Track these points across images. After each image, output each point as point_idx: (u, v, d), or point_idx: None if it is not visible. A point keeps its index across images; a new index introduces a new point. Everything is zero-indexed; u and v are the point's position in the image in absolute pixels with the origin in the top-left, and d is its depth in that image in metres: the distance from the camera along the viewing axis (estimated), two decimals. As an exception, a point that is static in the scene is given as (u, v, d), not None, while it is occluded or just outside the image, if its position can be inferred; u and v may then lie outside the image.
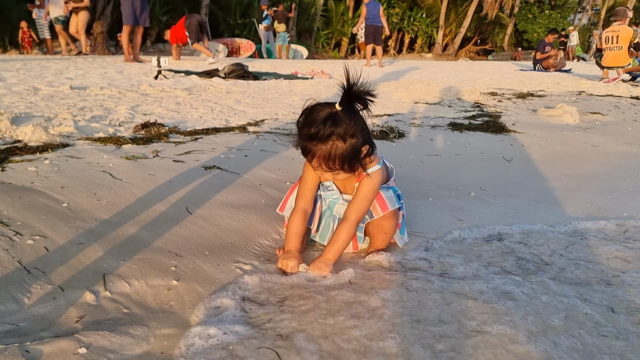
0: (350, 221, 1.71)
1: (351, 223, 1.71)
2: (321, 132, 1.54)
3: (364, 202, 1.73)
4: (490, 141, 3.92)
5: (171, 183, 2.39)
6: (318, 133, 1.54)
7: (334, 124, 1.54)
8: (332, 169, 1.61)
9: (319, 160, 1.59)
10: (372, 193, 1.73)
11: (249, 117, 4.40)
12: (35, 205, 1.97)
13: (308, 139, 1.57)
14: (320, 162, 1.59)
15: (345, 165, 1.60)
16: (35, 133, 2.93)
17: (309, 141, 1.57)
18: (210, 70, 8.03)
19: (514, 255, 1.84)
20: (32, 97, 4.71)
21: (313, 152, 1.58)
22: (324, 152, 1.57)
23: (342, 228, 1.71)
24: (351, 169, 1.64)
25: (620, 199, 2.58)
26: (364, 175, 1.73)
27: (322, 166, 1.60)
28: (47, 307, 1.37)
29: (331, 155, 1.57)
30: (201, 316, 1.37)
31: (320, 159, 1.58)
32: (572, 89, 8.79)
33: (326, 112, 1.56)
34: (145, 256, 1.68)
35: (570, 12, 32.21)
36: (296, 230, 1.76)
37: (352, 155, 1.60)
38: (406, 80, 8.51)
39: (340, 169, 1.61)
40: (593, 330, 1.33)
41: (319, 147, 1.57)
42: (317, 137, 1.55)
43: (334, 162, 1.58)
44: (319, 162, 1.59)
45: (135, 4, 9.68)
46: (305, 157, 1.64)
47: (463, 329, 1.32)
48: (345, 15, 30.50)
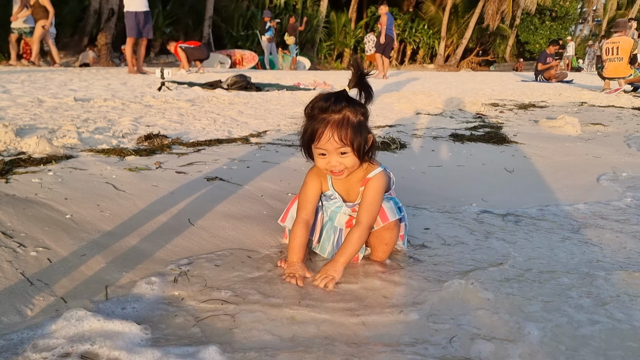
0: (363, 225, 1.72)
1: (363, 227, 1.72)
2: (333, 105, 1.63)
3: (373, 205, 1.74)
4: (492, 152, 3.93)
5: (174, 194, 2.40)
6: (330, 106, 1.63)
7: (345, 99, 1.66)
8: (343, 143, 1.63)
9: (331, 129, 1.62)
10: (379, 194, 1.75)
11: (251, 128, 4.43)
12: (39, 216, 1.98)
13: (320, 112, 1.64)
14: (333, 132, 1.62)
15: (355, 142, 1.64)
16: (39, 145, 2.95)
17: (322, 113, 1.64)
18: (213, 81, 8.07)
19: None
20: (36, 109, 4.74)
21: (327, 122, 1.63)
22: (337, 121, 1.63)
23: (354, 232, 1.72)
24: (359, 152, 1.67)
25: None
26: (368, 179, 1.75)
27: (334, 137, 1.62)
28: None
29: (344, 124, 1.63)
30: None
31: (333, 128, 1.62)
32: (574, 99, 8.81)
33: (336, 92, 1.69)
34: (147, 267, 1.69)
35: (572, 23, 32.36)
36: (299, 242, 1.76)
37: (362, 133, 1.66)
38: (408, 91, 8.54)
39: (350, 145, 1.64)
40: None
41: (332, 116, 1.63)
42: (329, 109, 1.63)
43: (346, 133, 1.62)
44: (331, 132, 1.62)
45: (138, 16, 9.76)
46: (315, 137, 1.65)
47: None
48: (348, 26, 30.68)
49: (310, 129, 1.67)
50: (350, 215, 1.87)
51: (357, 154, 1.68)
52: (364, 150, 1.69)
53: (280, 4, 25.45)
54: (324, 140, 1.63)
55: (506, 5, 28.92)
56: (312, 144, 1.68)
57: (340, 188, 1.85)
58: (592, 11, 34.92)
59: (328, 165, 1.70)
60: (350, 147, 1.65)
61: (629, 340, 1.36)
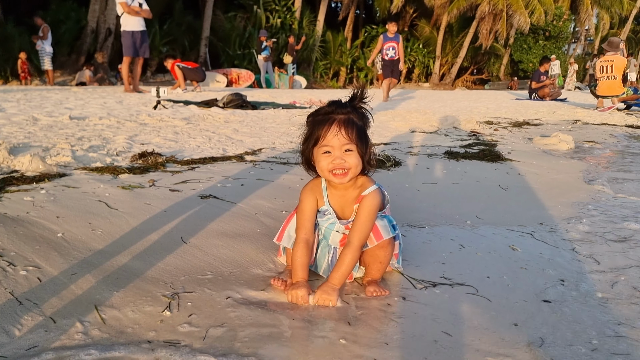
0: (354, 246, 1.71)
1: (354, 247, 1.71)
2: (339, 107, 1.70)
3: (366, 224, 1.72)
4: (487, 170, 3.93)
5: (167, 212, 2.39)
6: (338, 107, 1.69)
7: (350, 105, 1.73)
8: (349, 138, 1.66)
9: (338, 125, 1.67)
10: (373, 214, 1.74)
11: (246, 146, 4.43)
12: (30, 235, 1.96)
13: (326, 114, 1.70)
14: (340, 127, 1.66)
15: (360, 141, 1.69)
16: (32, 163, 2.93)
17: (327, 115, 1.70)
18: (209, 100, 8.10)
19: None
20: (31, 127, 4.74)
21: (332, 119, 1.68)
22: (343, 119, 1.68)
23: (346, 253, 1.71)
24: (363, 151, 1.71)
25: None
26: (362, 197, 1.74)
27: (341, 131, 1.66)
28: (37, 338, 1.35)
29: (350, 122, 1.68)
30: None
31: (339, 124, 1.67)
32: (568, 117, 8.88)
33: (338, 99, 1.76)
34: (139, 287, 1.67)
35: (565, 42, 32.75)
36: (301, 262, 1.74)
37: (365, 137, 1.72)
38: (403, 110, 8.59)
39: (355, 143, 1.68)
40: None
41: (338, 115, 1.69)
42: (336, 110, 1.69)
43: (352, 130, 1.67)
44: (338, 126, 1.66)
45: (135, 36, 9.83)
46: (320, 137, 1.68)
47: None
48: (343, 46, 31.00)
49: (315, 131, 1.70)
50: (344, 233, 1.86)
51: (360, 155, 1.70)
52: (366, 157, 1.73)
53: (277, 23, 25.73)
54: (330, 135, 1.67)
55: (500, 25, 29.30)
56: (316, 146, 1.71)
57: (336, 204, 1.83)
58: (585, 30, 35.38)
59: (332, 163, 1.69)
60: (356, 145, 1.68)
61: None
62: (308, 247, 1.77)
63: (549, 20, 29.78)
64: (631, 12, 35.29)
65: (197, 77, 11.99)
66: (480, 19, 29.20)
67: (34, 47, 14.93)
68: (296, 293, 1.65)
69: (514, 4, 28.17)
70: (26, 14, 17.05)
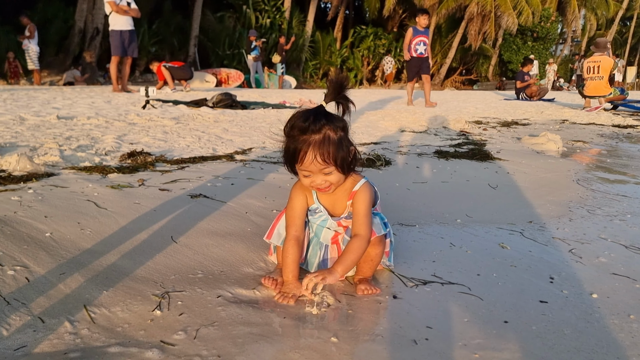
0: (362, 237, 1.69)
1: (363, 238, 1.69)
2: (313, 125, 1.59)
3: (367, 216, 1.72)
4: (476, 168, 3.95)
5: (156, 211, 2.37)
6: (310, 126, 1.59)
7: (324, 116, 1.63)
8: (326, 162, 1.61)
9: (313, 151, 1.59)
10: (369, 204, 1.74)
11: (236, 146, 4.41)
12: (18, 235, 1.94)
13: (301, 133, 1.60)
14: (315, 154, 1.60)
15: (338, 159, 1.62)
16: (19, 162, 2.90)
17: (302, 135, 1.60)
18: (199, 99, 8.07)
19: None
20: (18, 127, 4.69)
21: (308, 143, 1.60)
22: (318, 142, 1.59)
23: (354, 242, 1.68)
24: (343, 168, 1.66)
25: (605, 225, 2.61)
26: (354, 192, 1.74)
27: (317, 159, 1.60)
28: (25, 338, 1.34)
29: (325, 143, 1.60)
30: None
31: (314, 149, 1.59)
32: (556, 117, 8.95)
33: (314, 109, 1.66)
34: (129, 286, 1.66)
35: (552, 43, 32.99)
36: (292, 259, 1.73)
37: (344, 149, 1.64)
38: (392, 109, 8.61)
39: (333, 163, 1.62)
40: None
41: (313, 137, 1.60)
42: (309, 129, 1.59)
43: (328, 153, 1.60)
44: (313, 154, 1.60)
45: (123, 35, 9.76)
46: (297, 158, 1.63)
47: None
48: (333, 46, 31.02)
49: (292, 150, 1.64)
50: (336, 230, 1.86)
51: (341, 171, 1.67)
52: (348, 164, 1.69)
53: (266, 23, 25.69)
54: (307, 162, 1.61)
55: (488, 26, 29.47)
56: (295, 164, 1.67)
57: (326, 201, 1.83)
58: (572, 32, 35.69)
59: (313, 184, 1.69)
60: (334, 165, 1.63)
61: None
62: (298, 244, 1.77)
63: (537, 22, 30.01)
64: (617, 13, 35.68)
65: (184, 75, 11.93)
66: (469, 19, 29.35)
67: (20, 47, 14.78)
68: (285, 293, 1.64)
69: (502, 5, 28.34)
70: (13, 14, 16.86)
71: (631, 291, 1.78)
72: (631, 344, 1.42)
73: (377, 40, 32.62)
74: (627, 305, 1.66)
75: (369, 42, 32.40)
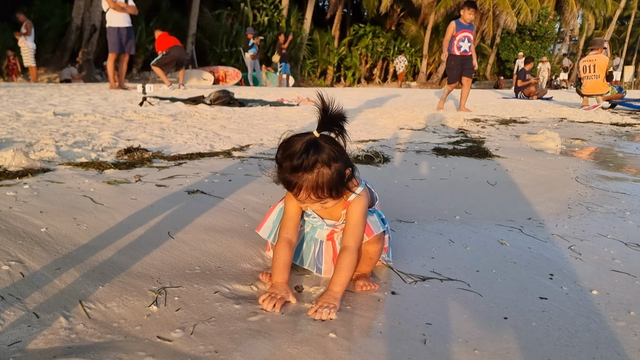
0: (351, 249, 1.66)
1: (352, 251, 1.66)
2: (305, 162, 1.50)
3: (358, 227, 1.69)
4: (475, 166, 3.94)
5: (153, 207, 2.35)
6: (302, 163, 1.50)
7: (316, 152, 1.51)
8: (320, 198, 1.57)
9: (307, 191, 1.54)
10: (363, 216, 1.70)
11: (234, 143, 4.40)
12: (13, 230, 1.92)
13: (292, 171, 1.52)
14: (309, 193, 1.54)
15: (333, 192, 1.57)
16: (15, 158, 2.88)
17: (294, 173, 1.52)
18: (196, 97, 8.04)
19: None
20: (14, 123, 4.66)
21: (300, 185, 1.53)
22: (311, 182, 1.52)
23: (344, 257, 1.65)
24: (338, 195, 1.61)
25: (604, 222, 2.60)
26: (349, 202, 1.71)
27: (310, 197, 1.55)
28: (20, 334, 1.32)
29: (319, 184, 1.52)
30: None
31: (308, 190, 1.53)
32: (554, 115, 8.96)
33: (305, 141, 1.53)
34: (125, 281, 1.64)
35: (550, 42, 33.05)
36: (283, 261, 1.69)
37: (339, 181, 1.57)
38: (391, 107, 8.60)
39: (328, 197, 1.57)
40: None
41: (305, 177, 1.52)
42: (301, 168, 1.50)
43: (322, 191, 1.54)
44: (307, 193, 1.54)
45: (121, 32, 9.72)
46: (291, 191, 1.59)
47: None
48: (331, 44, 31.00)
49: (285, 182, 1.57)
50: (332, 229, 1.83)
51: (337, 198, 1.63)
52: (344, 189, 1.63)
53: (264, 21, 25.65)
54: (301, 197, 1.57)
55: (486, 25, 29.49)
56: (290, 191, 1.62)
57: (321, 212, 1.80)
58: (570, 31, 35.74)
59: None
60: (330, 198, 1.59)
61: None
62: (290, 247, 1.73)
63: (535, 21, 30.04)
64: (615, 12, 35.74)
65: (176, 55, 11.33)
66: (467, 18, 29.35)
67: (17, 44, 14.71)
68: (273, 294, 1.57)
69: (501, 4, 28.36)
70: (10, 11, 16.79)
71: (631, 287, 1.77)
72: (631, 340, 1.41)
73: (376, 39, 32.63)
74: (626, 302, 1.65)
75: (367, 40, 32.40)
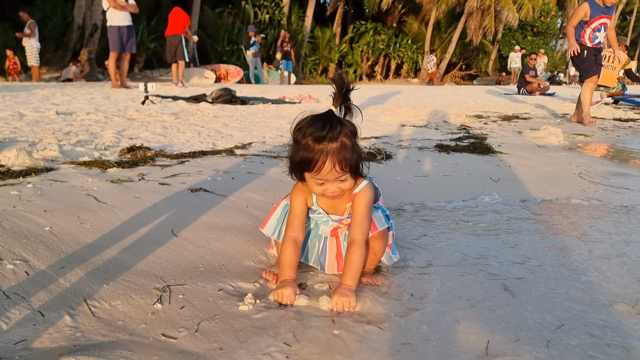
0: (359, 242, 1.66)
1: (360, 244, 1.66)
2: (331, 131, 1.53)
3: (365, 219, 1.69)
4: (477, 162, 3.94)
5: (157, 206, 2.36)
6: (328, 133, 1.52)
7: (338, 122, 1.57)
8: (343, 171, 1.57)
9: (332, 161, 1.54)
10: (368, 208, 1.70)
11: (236, 141, 4.40)
12: (17, 229, 1.92)
13: (317, 142, 1.54)
14: (334, 163, 1.54)
15: (353, 167, 1.59)
16: (18, 157, 2.89)
17: (318, 144, 1.53)
18: (198, 95, 8.05)
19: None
20: (17, 123, 4.67)
21: (326, 153, 1.53)
22: (336, 150, 1.54)
23: (352, 251, 1.65)
24: (356, 172, 1.63)
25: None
26: (355, 195, 1.71)
27: (335, 168, 1.55)
28: (25, 332, 1.32)
29: (342, 151, 1.55)
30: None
31: (334, 159, 1.54)
32: (556, 111, 8.93)
33: (324, 114, 1.58)
34: (129, 280, 1.64)
35: (552, 38, 32.93)
36: (289, 260, 1.69)
37: (358, 154, 1.60)
38: (393, 104, 8.59)
39: (349, 171, 1.58)
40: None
41: (331, 146, 1.53)
42: (327, 137, 1.53)
43: (346, 161, 1.55)
44: (332, 163, 1.54)
45: (121, 31, 9.73)
46: (312, 169, 1.56)
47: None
48: (332, 41, 30.94)
49: (306, 159, 1.56)
50: (337, 224, 1.83)
51: (354, 176, 1.64)
52: (359, 168, 1.65)
53: (265, 19, 25.60)
54: (325, 171, 1.56)
55: (488, 21, 29.39)
56: (308, 172, 1.60)
57: (326, 205, 1.79)
58: (572, 26, 35.58)
59: (326, 192, 1.64)
60: (350, 172, 1.60)
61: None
62: (296, 245, 1.73)
63: (537, 17, 29.93)
64: (617, 7, 35.58)
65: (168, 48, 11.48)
66: (469, 14, 29.27)
67: (19, 44, 14.73)
68: (282, 292, 1.57)
69: (502, 0, 28.27)
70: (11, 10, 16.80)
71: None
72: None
73: (377, 36, 32.56)
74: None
75: (368, 37, 32.33)
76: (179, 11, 11.31)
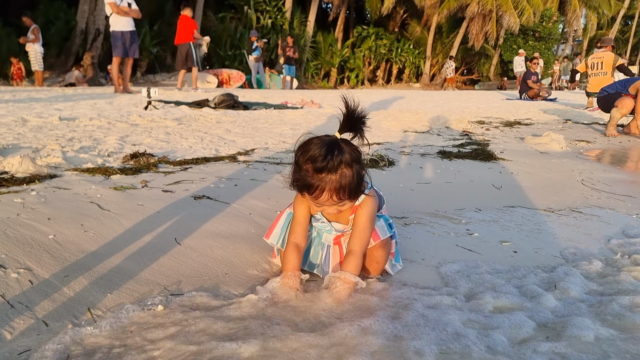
0: (356, 253, 1.68)
1: (357, 255, 1.68)
2: (330, 163, 1.51)
3: (365, 232, 1.70)
4: (480, 169, 3.94)
5: (160, 213, 2.36)
6: (328, 164, 1.51)
7: (340, 153, 1.54)
8: (341, 199, 1.57)
9: (329, 192, 1.54)
10: (371, 221, 1.71)
11: (239, 147, 4.40)
12: (21, 237, 1.93)
13: (316, 172, 1.53)
14: (331, 194, 1.55)
15: (352, 194, 1.59)
16: (22, 164, 2.90)
17: (318, 174, 1.53)
18: (201, 100, 8.06)
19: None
20: (20, 129, 4.68)
21: (323, 186, 1.54)
22: (334, 183, 1.53)
23: (349, 261, 1.68)
24: (356, 196, 1.63)
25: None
26: (357, 206, 1.71)
27: (332, 198, 1.56)
28: (30, 342, 1.32)
29: (341, 184, 1.54)
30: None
31: (331, 190, 1.54)
32: (558, 117, 8.93)
33: (328, 142, 1.56)
34: (133, 288, 1.65)
35: (554, 43, 32.97)
36: (292, 265, 1.71)
37: (358, 182, 1.60)
38: (395, 110, 8.59)
39: (347, 199, 1.59)
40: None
41: (329, 178, 1.53)
42: (326, 168, 1.52)
43: (344, 192, 1.55)
44: (329, 194, 1.55)
45: (124, 36, 9.76)
46: (310, 194, 1.58)
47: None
48: (334, 46, 31.03)
49: (305, 185, 1.57)
50: (338, 233, 1.84)
51: (354, 200, 1.65)
52: (361, 189, 1.65)
53: (268, 24, 25.70)
54: (322, 200, 1.57)
55: (490, 26, 29.47)
56: (307, 193, 1.61)
57: (329, 216, 1.81)
58: (573, 31, 35.65)
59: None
60: (348, 200, 1.61)
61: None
62: (299, 251, 1.75)
63: (538, 22, 29.98)
64: (619, 12, 35.64)
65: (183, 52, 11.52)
66: (470, 19, 29.36)
67: (22, 49, 14.79)
68: (287, 281, 1.63)
69: (504, 5, 28.34)
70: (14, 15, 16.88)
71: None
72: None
73: (379, 40, 32.64)
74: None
75: (370, 42, 32.42)
76: (185, 18, 11.33)
